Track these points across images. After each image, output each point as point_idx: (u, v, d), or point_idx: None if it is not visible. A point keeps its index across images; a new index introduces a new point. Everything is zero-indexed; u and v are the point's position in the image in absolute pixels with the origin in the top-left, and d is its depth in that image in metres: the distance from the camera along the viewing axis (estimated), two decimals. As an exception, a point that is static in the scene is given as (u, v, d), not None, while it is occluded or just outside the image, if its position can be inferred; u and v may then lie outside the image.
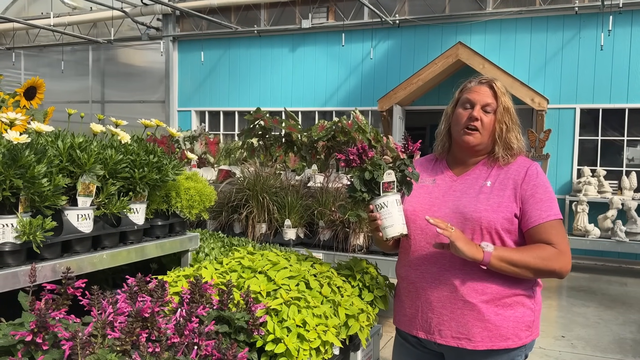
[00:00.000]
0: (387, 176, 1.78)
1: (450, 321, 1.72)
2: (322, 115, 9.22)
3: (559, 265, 1.67)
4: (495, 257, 1.63)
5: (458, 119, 1.82)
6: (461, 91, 1.86)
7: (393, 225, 1.75)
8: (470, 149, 1.82)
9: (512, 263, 1.64)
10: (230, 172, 5.10)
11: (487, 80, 1.82)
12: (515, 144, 1.79)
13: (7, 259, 1.59)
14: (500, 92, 1.78)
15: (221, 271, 2.09)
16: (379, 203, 1.77)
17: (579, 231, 7.00)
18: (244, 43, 9.77)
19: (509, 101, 1.80)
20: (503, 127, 1.77)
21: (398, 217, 1.76)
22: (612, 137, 7.62)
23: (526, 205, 1.71)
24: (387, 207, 1.76)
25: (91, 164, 1.79)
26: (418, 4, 8.57)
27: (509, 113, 1.78)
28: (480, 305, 1.69)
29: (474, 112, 1.77)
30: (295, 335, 1.68)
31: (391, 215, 1.75)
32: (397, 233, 1.75)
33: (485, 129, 1.78)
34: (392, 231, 1.75)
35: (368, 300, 2.07)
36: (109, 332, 1.31)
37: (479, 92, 1.79)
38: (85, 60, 11.24)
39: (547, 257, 1.66)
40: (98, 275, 2.33)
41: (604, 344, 4.29)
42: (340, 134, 4.95)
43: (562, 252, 1.67)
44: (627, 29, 7.39)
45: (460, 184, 1.82)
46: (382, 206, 1.76)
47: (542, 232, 1.69)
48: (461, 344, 1.71)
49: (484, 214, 1.70)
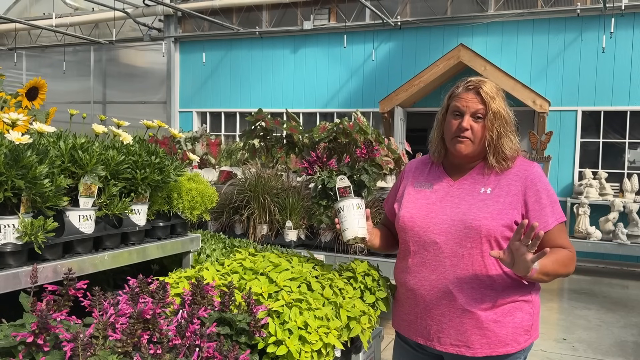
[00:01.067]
0: (340, 182, 1.87)
1: (449, 329, 1.71)
2: (324, 117, 9.22)
3: (573, 267, 1.71)
4: (537, 273, 1.58)
5: (449, 127, 1.76)
6: (450, 97, 1.79)
7: (348, 229, 1.83)
8: (463, 158, 1.78)
9: (546, 274, 1.62)
10: (231, 173, 5.10)
11: (475, 85, 1.72)
12: (508, 149, 1.72)
13: (9, 259, 1.59)
14: (488, 97, 1.69)
15: (223, 272, 2.09)
16: (337, 207, 1.86)
17: (581, 233, 6.99)
18: (245, 44, 9.78)
19: (500, 103, 1.71)
20: (494, 135, 1.70)
21: (353, 221, 1.83)
22: (613, 139, 7.61)
23: (532, 213, 1.69)
24: (343, 212, 1.84)
25: (93, 165, 1.79)
26: (420, 6, 8.57)
27: (499, 117, 1.70)
28: (479, 313, 1.68)
29: (463, 123, 1.70)
30: (296, 338, 1.68)
31: (346, 219, 1.83)
32: (351, 236, 1.82)
33: (477, 136, 1.72)
34: (348, 234, 1.83)
35: (370, 303, 2.06)
36: (110, 334, 1.31)
37: (466, 100, 1.72)
38: (86, 61, 11.25)
39: (568, 263, 1.68)
40: (99, 276, 2.33)
41: (606, 346, 4.28)
42: (341, 135, 4.95)
43: (573, 254, 1.71)
44: (629, 31, 7.38)
45: (458, 189, 1.78)
46: (340, 210, 1.85)
47: (552, 238, 1.69)
48: (460, 351, 1.70)
49: (483, 222, 1.67)
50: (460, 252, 1.69)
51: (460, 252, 1.69)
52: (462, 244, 1.69)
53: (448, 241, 1.70)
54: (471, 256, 1.68)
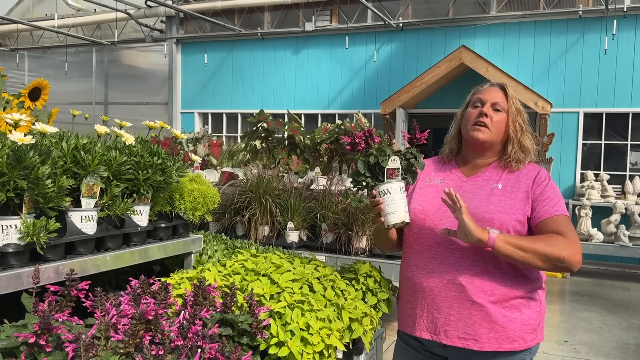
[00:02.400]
0: (392, 162, 1.75)
1: (457, 321, 1.72)
2: (325, 118, 9.22)
3: (567, 252, 1.63)
4: (501, 240, 1.61)
5: (468, 117, 1.85)
6: (473, 93, 1.90)
7: (395, 212, 1.72)
8: (479, 146, 1.82)
9: (519, 247, 1.62)
10: (233, 174, 5.10)
11: (499, 83, 1.89)
12: (528, 145, 1.82)
13: (11, 260, 1.59)
14: (511, 94, 1.84)
15: (224, 273, 2.09)
16: (383, 189, 1.74)
17: (582, 235, 6.97)
18: (247, 45, 9.78)
19: (520, 106, 1.85)
20: (517, 127, 1.80)
21: (400, 204, 1.73)
22: (615, 141, 7.60)
23: (535, 203, 1.73)
24: (391, 194, 1.73)
25: (95, 166, 1.79)
26: (421, 7, 8.56)
27: (521, 115, 1.83)
28: (488, 306, 1.69)
29: (484, 109, 1.80)
30: (298, 339, 1.68)
31: (394, 202, 1.73)
32: (399, 220, 1.72)
33: (495, 126, 1.79)
34: (393, 218, 1.72)
35: (371, 304, 2.06)
36: (112, 334, 1.30)
37: (489, 92, 1.84)
38: (88, 62, 11.26)
39: (556, 244, 1.64)
40: (101, 277, 2.33)
41: (607, 349, 4.27)
42: (343, 136, 4.95)
43: (571, 241, 1.66)
44: (631, 33, 7.37)
45: (470, 185, 1.82)
46: (385, 192, 1.73)
47: (551, 224, 1.69)
48: (467, 344, 1.70)
49: (496, 215, 1.70)
50: (471, 244, 1.69)
51: (471, 245, 1.69)
52: None
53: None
54: (482, 249, 1.69)
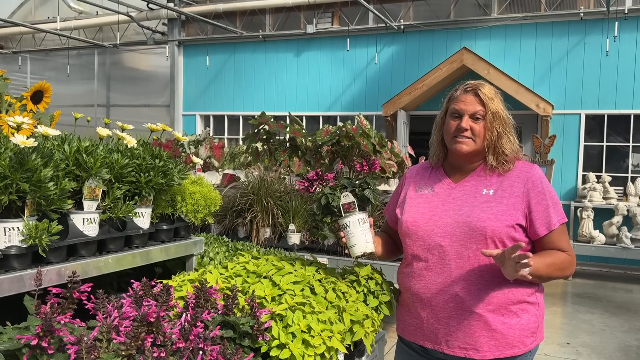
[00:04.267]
0: (345, 198, 1.87)
1: (457, 332, 1.71)
2: (327, 120, 9.23)
3: (571, 271, 1.73)
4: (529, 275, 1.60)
5: (448, 129, 1.80)
6: (449, 100, 1.83)
7: (356, 245, 1.85)
8: (464, 156, 1.80)
9: (538, 277, 1.66)
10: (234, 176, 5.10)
11: (473, 87, 1.77)
12: (508, 150, 1.75)
13: (13, 262, 1.60)
14: (487, 98, 1.74)
15: (226, 276, 2.09)
16: (342, 223, 1.86)
17: (584, 237, 6.96)
18: (249, 48, 9.80)
19: (499, 104, 1.75)
20: (493, 135, 1.74)
21: (360, 236, 1.84)
22: (617, 143, 7.60)
23: (533, 214, 1.71)
24: (349, 228, 1.85)
25: (97, 168, 1.79)
26: (423, 9, 8.57)
27: (498, 118, 1.74)
28: (487, 314, 1.69)
29: (462, 124, 1.74)
30: (300, 341, 1.68)
31: (353, 235, 1.84)
32: (359, 252, 1.84)
33: (477, 135, 1.75)
34: (356, 250, 1.85)
35: (373, 306, 2.06)
36: (114, 337, 1.31)
37: (465, 102, 1.76)
38: (91, 64, 11.29)
39: (565, 266, 1.71)
40: (103, 279, 2.33)
41: (609, 351, 4.26)
42: (344, 138, 4.95)
43: (573, 258, 1.74)
44: (632, 34, 7.37)
45: (460, 191, 1.79)
46: (345, 226, 1.86)
47: (552, 240, 1.71)
48: (469, 354, 1.71)
49: (488, 223, 1.68)
50: (465, 254, 1.69)
51: (465, 254, 1.69)
52: (467, 245, 1.69)
53: (453, 243, 1.71)
54: (477, 257, 1.68)
